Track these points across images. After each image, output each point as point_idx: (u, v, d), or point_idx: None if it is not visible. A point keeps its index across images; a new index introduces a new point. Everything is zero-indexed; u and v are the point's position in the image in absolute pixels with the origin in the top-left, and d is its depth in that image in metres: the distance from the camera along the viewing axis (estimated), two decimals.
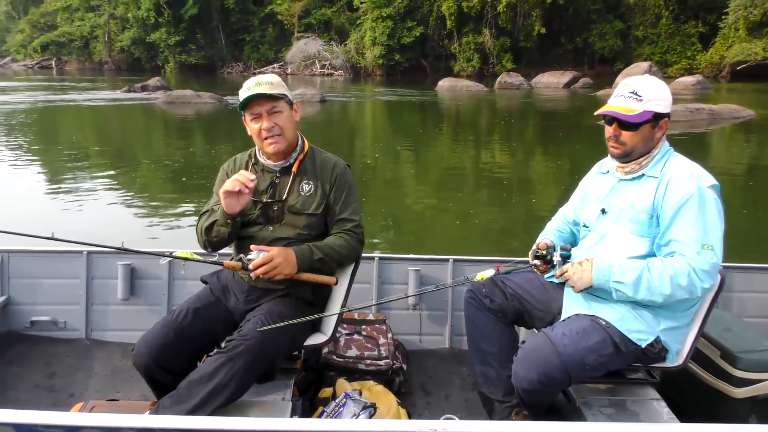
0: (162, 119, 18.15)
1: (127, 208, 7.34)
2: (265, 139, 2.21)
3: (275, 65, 42.65)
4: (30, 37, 54.41)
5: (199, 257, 2.30)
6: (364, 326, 2.93)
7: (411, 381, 2.88)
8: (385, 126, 17.81)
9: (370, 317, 3.03)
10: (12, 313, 3.10)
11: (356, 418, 2.22)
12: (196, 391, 1.95)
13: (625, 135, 2.08)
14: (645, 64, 28.53)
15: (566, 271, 2.12)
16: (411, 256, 3.26)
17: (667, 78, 29.40)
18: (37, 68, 50.94)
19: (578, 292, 2.10)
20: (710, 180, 2.03)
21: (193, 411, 1.92)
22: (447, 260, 3.17)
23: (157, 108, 19.89)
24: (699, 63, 33.91)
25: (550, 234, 2.45)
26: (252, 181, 2.10)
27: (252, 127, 2.23)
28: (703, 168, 2.08)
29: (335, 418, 2.24)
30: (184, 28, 44.08)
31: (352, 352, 2.75)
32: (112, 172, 9.71)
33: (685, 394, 2.53)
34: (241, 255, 2.18)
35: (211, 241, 2.24)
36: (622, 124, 2.08)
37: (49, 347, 3.03)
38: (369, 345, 2.81)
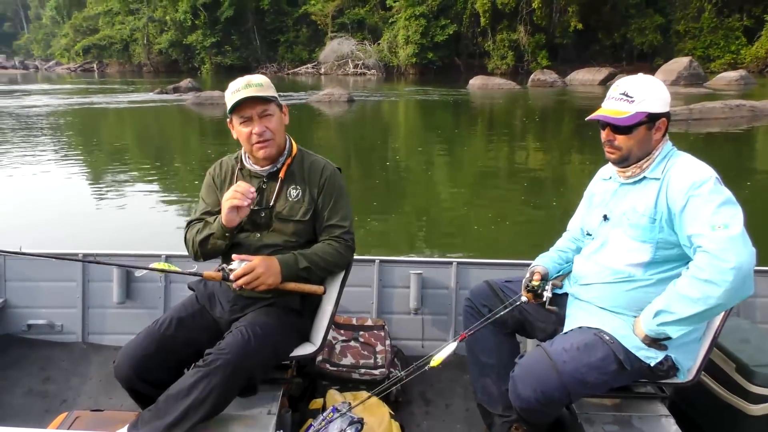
0: (188, 120, 18.37)
1: (137, 212, 7.38)
2: (256, 143, 2.13)
3: (309, 65, 43.01)
4: (73, 40, 56.14)
5: (177, 269, 2.22)
6: (362, 332, 2.85)
7: (410, 389, 2.77)
8: (409, 125, 17.61)
9: (369, 322, 2.94)
10: (9, 316, 3.10)
11: None
12: (175, 407, 1.88)
13: (620, 139, 1.97)
14: (685, 60, 27.61)
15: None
16: (413, 258, 3.18)
17: (710, 73, 28.51)
18: (79, 71, 52.53)
19: (648, 344, 1.94)
20: (711, 171, 1.89)
21: (171, 427, 1.86)
22: (451, 263, 3.07)
23: (186, 109, 20.17)
24: (743, 57, 32.68)
25: (549, 256, 2.35)
26: (252, 193, 2.03)
27: (241, 131, 2.14)
28: (708, 164, 1.94)
29: None
30: (220, 30, 44.81)
31: (347, 360, 2.67)
32: (124, 174, 9.84)
33: (698, 409, 2.38)
34: (223, 265, 2.10)
35: (205, 253, 2.17)
36: (616, 128, 1.97)
37: (46, 351, 3.03)
38: (365, 352, 2.73)
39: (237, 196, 2.00)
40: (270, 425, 2.00)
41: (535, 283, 2.15)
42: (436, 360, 1.95)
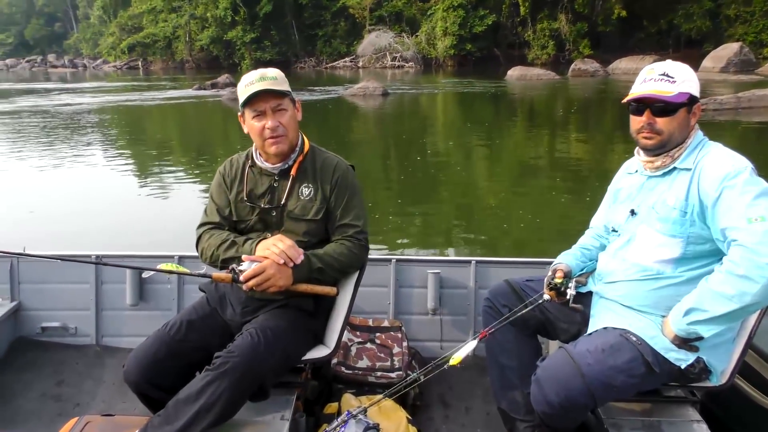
0: (221, 116, 18.58)
1: (160, 209, 7.45)
2: (268, 138, 2.08)
3: (347, 59, 43.11)
4: (119, 39, 57.59)
5: (185, 270, 2.16)
6: (378, 334, 2.78)
7: (429, 392, 2.71)
8: (442, 118, 17.41)
9: (386, 324, 2.87)
10: (23, 318, 3.10)
11: None
12: (183, 412, 1.84)
13: (661, 122, 1.87)
14: (735, 45, 26.53)
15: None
16: (431, 257, 3.11)
17: (762, 59, 27.32)
18: (125, 69, 53.90)
19: (678, 345, 1.83)
20: (746, 161, 1.79)
21: None
22: (469, 262, 2.98)
23: (221, 105, 20.45)
24: None
25: (571, 254, 2.24)
26: (300, 257, 2.02)
27: (253, 125, 2.09)
28: (745, 155, 1.84)
29: None
30: (259, 26, 45.26)
31: (363, 363, 2.61)
32: (152, 170, 10.02)
33: (732, 414, 2.27)
34: (233, 266, 2.04)
35: (222, 267, 2.13)
36: (656, 110, 1.87)
37: (60, 354, 3.02)
38: (382, 355, 2.67)
39: (283, 257, 1.98)
40: (283, 431, 1.95)
41: (557, 280, 2.06)
42: (455, 359, 1.87)
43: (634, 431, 1.96)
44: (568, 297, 2.04)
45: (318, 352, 2.16)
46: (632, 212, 1.98)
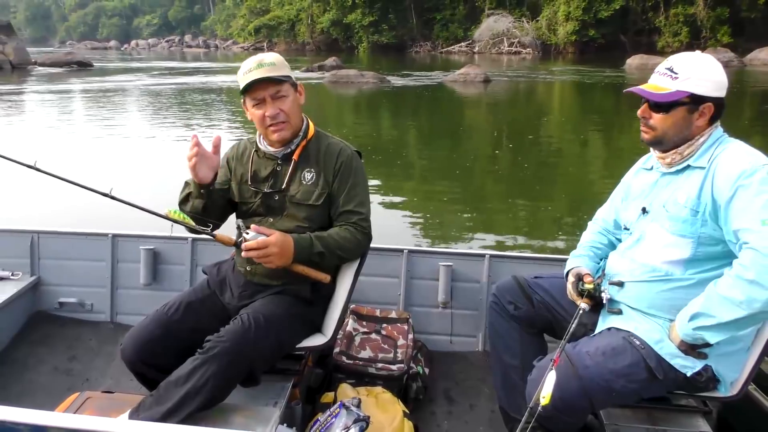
0: (322, 97, 18.48)
1: None
2: (269, 126, 2.07)
3: (463, 44, 42.62)
4: (248, 21, 60.84)
5: (190, 221, 2.05)
6: (385, 324, 2.74)
7: (435, 386, 2.67)
8: (530, 110, 16.35)
9: (393, 315, 2.82)
10: (42, 293, 3.17)
11: None
12: (172, 394, 1.86)
13: (655, 118, 1.80)
14: None
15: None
16: (443, 250, 3.03)
17: None
18: (251, 50, 56.75)
19: (684, 351, 1.75)
20: (765, 158, 1.68)
21: (168, 414, 1.84)
22: (483, 256, 2.89)
23: (321, 87, 20.65)
24: None
25: (586, 256, 2.12)
26: (194, 139, 1.99)
27: (254, 113, 2.08)
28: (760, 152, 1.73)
29: (325, 429, 2.06)
30: (378, 9, 45.91)
31: (365, 354, 2.58)
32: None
33: (748, 426, 2.14)
34: (240, 222, 2.06)
35: (190, 213, 2.10)
36: (653, 105, 1.80)
37: (75, 329, 3.09)
38: (386, 346, 2.64)
39: (188, 155, 1.99)
40: (272, 418, 1.93)
41: (588, 286, 1.93)
42: (545, 397, 1.62)
43: None
44: (604, 301, 1.92)
45: (315, 341, 2.15)
46: (644, 210, 1.90)
